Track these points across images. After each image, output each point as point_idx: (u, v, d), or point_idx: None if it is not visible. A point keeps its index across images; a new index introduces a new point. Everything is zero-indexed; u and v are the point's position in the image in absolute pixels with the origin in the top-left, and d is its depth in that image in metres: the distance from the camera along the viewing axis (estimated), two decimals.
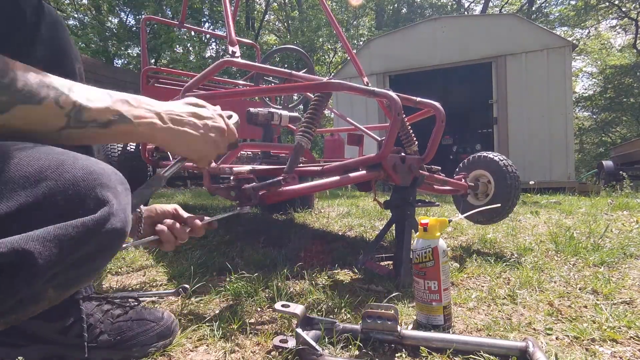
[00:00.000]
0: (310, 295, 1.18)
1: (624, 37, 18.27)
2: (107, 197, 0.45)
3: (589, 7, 15.50)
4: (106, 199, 0.45)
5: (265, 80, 2.46)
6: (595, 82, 18.42)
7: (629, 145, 8.46)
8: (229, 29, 1.80)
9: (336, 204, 3.57)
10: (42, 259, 0.39)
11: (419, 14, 18.80)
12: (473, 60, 6.70)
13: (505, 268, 1.44)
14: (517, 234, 2.09)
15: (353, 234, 2.26)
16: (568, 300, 1.14)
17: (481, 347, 0.82)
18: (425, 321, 0.96)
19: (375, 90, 1.36)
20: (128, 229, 0.48)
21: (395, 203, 1.46)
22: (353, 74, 6.72)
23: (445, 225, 1.02)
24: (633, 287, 1.24)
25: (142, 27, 3.21)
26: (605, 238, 1.88)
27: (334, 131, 2.82)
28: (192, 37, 15.28)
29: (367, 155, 1.38)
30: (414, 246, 1.01)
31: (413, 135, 1.63)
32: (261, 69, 1.64)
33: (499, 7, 19.48)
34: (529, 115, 6.30)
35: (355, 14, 18.13)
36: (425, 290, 0.97)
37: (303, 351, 0.80)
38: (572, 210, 3.04)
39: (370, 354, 0.84)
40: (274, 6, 19.04)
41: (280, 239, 2.02)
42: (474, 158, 1.86)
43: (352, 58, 2.40)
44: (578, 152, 18.45)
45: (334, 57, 17.76)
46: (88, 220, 0.42)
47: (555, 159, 6.20)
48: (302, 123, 1.32)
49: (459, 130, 8.72)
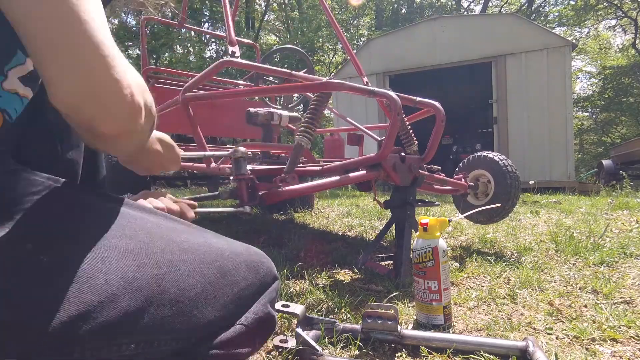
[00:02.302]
0: (310, 295, 1.18)
1: (623, 37, 18.30)
2: (271, 268, 0.71)
3: (588, 7, 15.50)
4: (272, 270, 0.71)
5: (265, 80, 2.46)
6: (595, 82, 18.43)
7: (629, 144, 8.47)
8: (228, 29, 1.80)
9: (336, 203, 3.57)
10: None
11: (419, 14, 18.80)
12: (473, 60, 6.69)
13: (505, 268, 1.44)
14: (517, 234, 2.09)
15: (353, 233, 2.26)
16: (568, 299, 1.14)
17: (481, 346, 0.82)
18: (425, 321, 0.96)
19: (375, 90, 1.36)
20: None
21: (395, 203, 1.46)
22: (353, 74, 6.71)
23: (445, 225, 1.02)
24: (633, 286, 1.24)
25: (142, 27, 3.21)
26: (605, 237, 1.88)
27: (333, 131, 2.82)
28: (192, 37, 15.28)
29: (367, 155, 1.38)
30: (414, 246, 1.01)
31: (413, 135, 1.63)
32: (261, 69, 1.64)
33: (499, 7, 19.49)
34: (529, 115, 6.29)
35: (355, 14, 18.13)
36: (425, 290, 0.97)
37: (303, 351, 0.80)
38: (572, 210, 3.04)
39: (371, 353, 0.84)
40: (273, 6, 19.03)
41: (280, 239, 2.02)
42: (473, 158, 1.86)
43: (352, 58, 2.40)
44: (578, 152, 18.45)
45: (334, 57, 17.76)
46: (275, 284, 0.71)
47: (555, 158, 6.20)
48: (302, 123, 1.32)
49: (458, 130, 8.71)
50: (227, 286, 0.60)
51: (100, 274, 0.45)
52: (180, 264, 0.54)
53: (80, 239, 0.48)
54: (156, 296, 0.49)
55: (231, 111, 2.89)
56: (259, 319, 0.63)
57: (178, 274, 0.53)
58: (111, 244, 0.49)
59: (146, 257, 0.51)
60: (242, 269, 0.64)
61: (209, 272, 0.58)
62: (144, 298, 0.48)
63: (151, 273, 0.50)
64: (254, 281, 0.65)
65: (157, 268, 0.51)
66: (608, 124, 18.37)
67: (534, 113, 6.26)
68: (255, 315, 0.63)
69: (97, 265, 0.46)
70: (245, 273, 0.64)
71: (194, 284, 0.54)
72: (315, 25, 15.22)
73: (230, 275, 0.61)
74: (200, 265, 0.57)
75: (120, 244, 0.50)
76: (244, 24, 16.84)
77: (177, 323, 0.51)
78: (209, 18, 16.80)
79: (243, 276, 0.63)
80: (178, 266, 0.54)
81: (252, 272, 0.65)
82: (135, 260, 0.50)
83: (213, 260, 0.60)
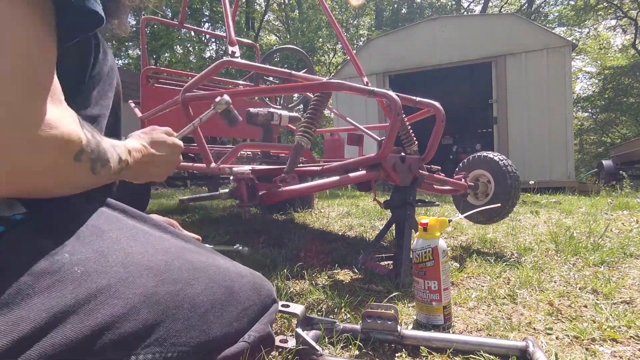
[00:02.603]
0: (310, 295, 1.18)
1: (623, 37, 18.30)
2: (272, 291, 0.76)
3: (588, 7, 15.50)
4: (272, 293, 0.76)
5: (265, 80, 2.46)
6: (595, 82, 18.43)
7: (629, 144, 8.47)
8: (228, 29, 1.80)
9: (336, 204, 3.57)
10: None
11: (419, 14, 18.80)
12: (473, 60, 6.70)
13: (505, 268, 1.44)
14: (517, 234, 2.09)
15: (353, 233, 2.26)
16: (568, 299, 1.13)
17: (481, 346, 0.82)
18: (425, 321, 0.96)
19: (375, 90, 1.36)
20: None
21: (395, 203, 1.46)
22: (353, 74, 6.71)
23: (445, 225, 1.02)
24: (633, 286, 1.24)
25: (142, 27, 3.21)
26: (605, 238, 1.88)
27: (333, 131, 2.82)
28: (192, 37, 15.28)
29: (367, 155, 1.38)
30: (414, 246, 1.01)
31: (413, 135, 1.63)
32: (261, 69, 1.64)
33: (499, 7, 19.49)
34: (529, 115, 6.29)
35: (354, 14, 18.13)
36: (425, 290, 0.97)
37: (303, 351, 0.80)
38: (572, 210, 3.04)
39: (371, 354, 0.84)
40: (273, 7, 19.03)
41: (280, 239, 2.02)
42: (473, 158, 1.86)
43: (352, 58, 2.40)
44: (578, 152, 18.45)
45: (334, 57, 17.76)
46: (274, 307, 0.76)
47: (555, 158, 6.20)
48: (302, 123, 1.32)
49: (458, 130, 8.71)
50: (232, 305, 0.63)
51: (125, 288, 0.50)
52: (193, 282, 0.58)
53: (109, 254, 0.52)
54: (171, 311, 0.53)
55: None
56: (260, 337, 0.66)
57: (191, 291, 0.57)
58: (135, 260, 0.54)
59: (164, 274, 0.56)
60: (246, 289, 0.68)
61: (217, 290, 0.62)
62: (161, 312, 0.52)
63: (168, 289, 0.55)
64: (256, 301, 0.69)
65: (174, 285, 0.56)
66: (608, 124, 18.38)
67: (534, 113, 6.26)
68: (257, 334, 0.66)
69: (122, 279, 0.50)
70: (249, 293, 0.67)
71: (204, 301, 0.58)
72: (315, 25, 15.22)
73: (236, 295, 0.65)
74: (210, 284, 0.61)
75: (143, 261, 0.55)
76: (244, 24, 16.84)
77: (188, 337, 0.54)
78: (209, 18, 16.80)
79: (247, 296, 0.67)
80: (191, 284, 0.58)
81: (255, 292, 0.69)
82: (156, 277, 0.54)
83: (221, 280, 0.64)
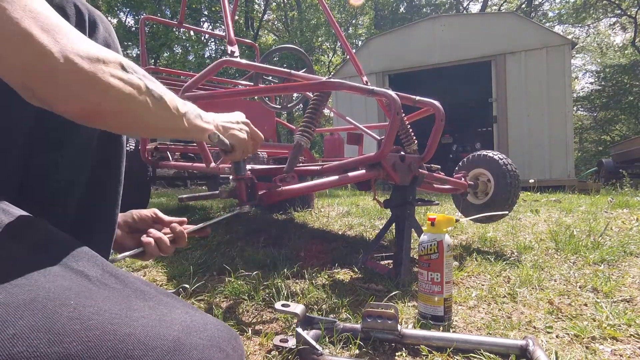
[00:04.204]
0: (310, 294, 1.18)
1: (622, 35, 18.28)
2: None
3: (587, 5, 15.49)
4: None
5: (264, 80, 2.46)
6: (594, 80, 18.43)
7: (629, 143, 8.46)
8: (227, 28, 1.80)
9: (336, 203, 3.57)
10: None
11: (416, 13, 18.78)
12: (472, 58, 6.69)
13: (506, 266, 1.44)
14: (517, 233, 2.09)
15: (353, 233, 2.26)
16: (568, 298, 1.14)
17: (481, 345, 0.82)
18: (426, 312, 0.98)
19: (375, 89, 1.36)
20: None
21: (395, 202, 1.46)
22: (352, 73, 6.71)
23: (452, 222, 1.04)
24: (633, 285, 1.24)
25: (141, 27, 3.21)
26: (605, 236, 1.88)
27: (333, 130, 2.82)
28: (191, 37, 15.27)
29: (367, 154, 1.38)
30: (420, 239, 1.04)
31: (412, 134, 1.63)
32: (260, 68, 1.64)
33: (498, 5, 19.47)
34: (529, 114, 6.29)
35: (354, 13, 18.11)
36: (428, 281, 0.99)
37: (303, 350, 0.80)
38: (572, 209, 3.04)
39: (371, 353, 0.84)
40: (272, 6, 19.02)
41: (280, 238, 2.02)
42: (473, 157, 1.86)
43: (351, 57, 2.40)
44: (578, 151, 18.45)
45: (334, 56, 17.75)
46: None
47: (555, 157, 6.20)
48: (302, 122, 1.32)
49: (458, 129, 8.71)
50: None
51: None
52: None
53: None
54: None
55: (230, 111, 2.88)
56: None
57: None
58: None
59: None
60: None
61: None
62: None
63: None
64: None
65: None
66: (608, 122, 18.36)
67: (534, 112, 6.26)
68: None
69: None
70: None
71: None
72: (314, 24, 15.22)
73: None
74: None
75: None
76: (243, 23, 16.83)
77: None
78: (208, 18, 16.79)
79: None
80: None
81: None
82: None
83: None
